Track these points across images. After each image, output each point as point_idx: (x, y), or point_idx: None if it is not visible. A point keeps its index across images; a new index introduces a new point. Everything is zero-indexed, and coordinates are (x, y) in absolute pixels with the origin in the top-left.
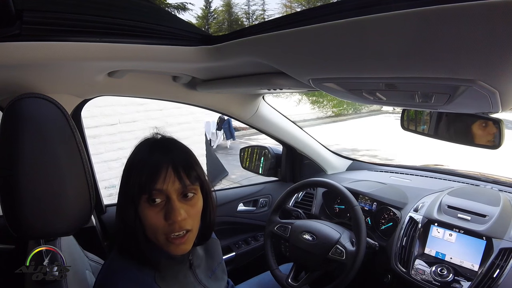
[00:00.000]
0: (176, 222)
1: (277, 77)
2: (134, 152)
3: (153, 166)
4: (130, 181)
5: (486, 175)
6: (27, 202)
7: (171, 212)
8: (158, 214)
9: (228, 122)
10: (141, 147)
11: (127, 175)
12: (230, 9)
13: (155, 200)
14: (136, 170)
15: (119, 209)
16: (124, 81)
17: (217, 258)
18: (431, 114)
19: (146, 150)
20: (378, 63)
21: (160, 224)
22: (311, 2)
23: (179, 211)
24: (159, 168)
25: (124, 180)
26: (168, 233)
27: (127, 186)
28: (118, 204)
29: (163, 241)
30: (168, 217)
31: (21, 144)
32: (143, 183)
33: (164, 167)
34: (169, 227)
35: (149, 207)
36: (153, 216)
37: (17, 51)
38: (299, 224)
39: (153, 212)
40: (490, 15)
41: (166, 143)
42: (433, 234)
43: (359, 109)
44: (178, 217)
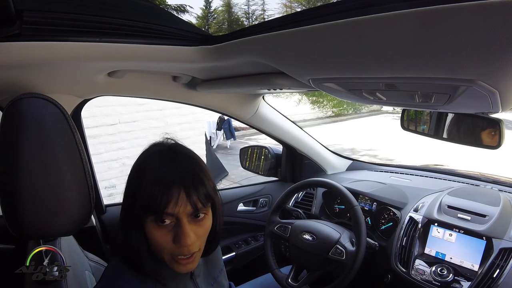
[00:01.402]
0: (185, 246)
1: (277, 77)
2: (142, 161)
3: (164, 186)
4: (137, 196)
5: (486, 175)
6: (27, 202)
7: (181, 236)
8: (167, 235)
9: (228, 122)
10: (150, 158)
11: (134, 188)
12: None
13: (164, 221)
14: (146, 187)
15: (123, 223)
16: (124, 81)
17: (219, 265)
18: (431, 114)
19: (156, 163)
20: (378, 63)
21: (168, 245)
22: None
23: (189, 235)
24: (171, 190)
25: (130, 193)
26: (175, 255)
27: (133, 201)
28: (122, 217)
29: (169, 260)
30: (177, 241)
31: (21, 144)
32: (153, 204)
33: (176, 189)
34: (177, 250)
35: (157, 228)
36: (161, 237)
37: (17, 51)
38: (299, 224)
39: (161, 232)
40: (490, 15)
41: (178, 155)
42: (433, 234)
43: (359, 109)
44: (188, 241)
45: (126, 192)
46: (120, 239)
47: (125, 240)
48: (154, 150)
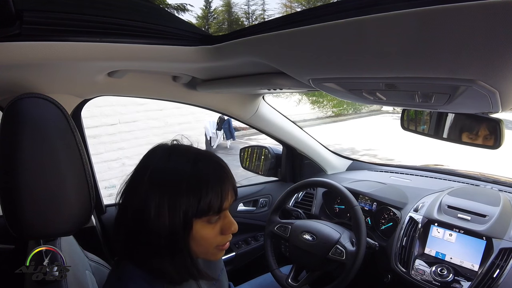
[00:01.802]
0: (233, 232)
1: (277, 77)
2: (174, 173)
3: (221, 187)
4: (191, 204)
5: (486, 175)
6: (27, 202)
7: (230, 226)
8: (214, 229)
9: (228, 122)
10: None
11: (190, 198)
12: (230, 9)
13: (217, 218)
14: (207, 192)
15: (168, 229)
16: (124, 81)
17: (220, 265)
18: (431, 114)
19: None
20: (378, 63)
21: (216, 239)
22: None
23: (235, 223)
24: (225, 188)
25: (175, 205)
26: (221, 244)
27: (181, 211)
28: (170, 223)
29: (212, 251)
30: (226, 232)
31: (21, 144)
32: (214, 205)
33: (227, 185)
34: (224, 239)
35: (208, 225)
36: (210, 233)
37: (17, 51)
38: (299, 224)
39: (210, 229)
40: (490, 15)
41: (209, 155)
42: (433, 234)
43: (359, 109)
44: (236, 228)
45: (172, 204)
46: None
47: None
48: (185, 155)
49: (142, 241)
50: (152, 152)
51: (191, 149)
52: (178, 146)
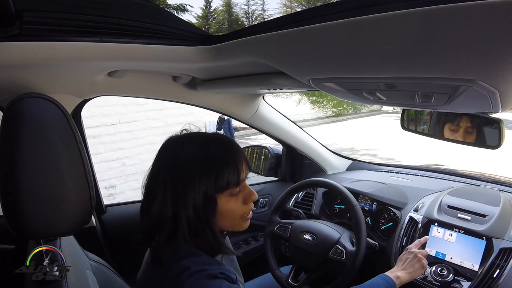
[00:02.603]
0: (254, 200)
1: (277, 77)
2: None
3: (234, 162)
4: (211, 180)
5: (486, 175)
6: (27, 202)
7: (250, 196)
8: (238, 201)
9: (228, 122)
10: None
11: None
12: (230, 9)
13: (238, 191)
14: (220, 168)
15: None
16: (124, 81)
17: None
18: (431, 114)
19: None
20: (378, 63)
21: (241, 209)
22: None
23: (255, 193)
24: (239, 162)
25: (198, 181)
26: (245, 214)
27: (204, 187)
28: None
29: (238, 221)
30: (248, 201)
31: (21, 144)
32: (233, 179)
33: (240, 159)
34: (247, 208)
35: (231, 198)
36: (235, 204)
37: (17, 51)
38: (299, 224)
39: (235, 201)
40: (490, 15)
41: (222, 137)
42: (433, 234)
43: (359, 109)
44: (256, 197)
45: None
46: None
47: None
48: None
49: (169, 226)
50: (166, 143)
51: (200, 134)
52: (188, 134)
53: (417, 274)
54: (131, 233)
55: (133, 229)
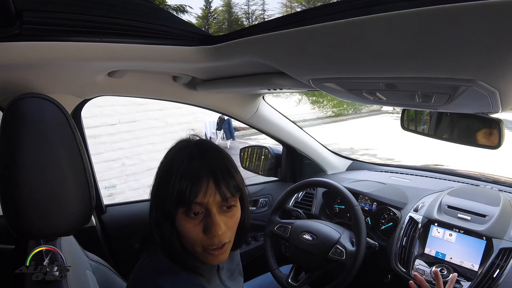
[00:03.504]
0: (216, 236)
1: (277, 77)
2: (171, 158)
3: (194, 178)
4: (166, 191)
5: (486, 175)
6: (27, 202)
7: (211, 226)
8: (197, 226)
9: (228, 122)
10: (178, 153)
11: (163, 184)
12: (230, 9)
13: (194, 213)
14: (175, 180)
15: (155, 220)
16: (124, 81)
17: (236, 259)
18: (431, 114)
19: (185, 158)
20: (378, 63)
21: (198, 236)
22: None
23: (219, 225)
24: (200, 180)
25: (159, 190)
26: (206, 246)
27: (162, 197)
28: (153, 214)
29: (201, 252)
30: (207, 231)
31: (21, 144)
32: (182, 196)
33: (205, 179)
34: (208, 241)
35: (187, 220)
36: (191, 229)
37: (17, 51)
38: (299, 224)
39: (191, 224)
40: (490, 15)
41: (206, 149)
42: (433, 234)
43: (359, 109)
44: (218, 231)
45: (155, 189)
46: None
47: (157, 235)
48: (182, 146)
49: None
50: (170, 147)
51: (194, 141)
52: (186, 140)
53: None
54: (131, 233)
55: (133, 229)
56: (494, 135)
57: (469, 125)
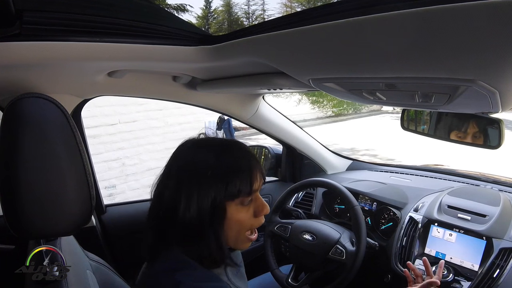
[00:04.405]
0: (264, 215)
1: (277, 77)
2: (203, 158)
3: (247, 170)
4: (217, 189)
5: (486, 175)
6: (27, 202)
7: (262, 208)
8: (248, 212)
9: (228, 122)
10: (211, 153)
11: (208, 183)
12: (230, 9)
13: (249, 201)
14: (228, 177)
15: (193, 218)
16: (124, 81)
17: (239, 258)
18: (431, 114)
19: (226, 154)
20: (378, 63)
21: (250, 221)
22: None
23: (267, 205)
24: (253, 171)
25: (200, 190)
26: (253, 228)
27: (206, 195)
28: (197, 212)
29: (243, 237)
30: (259, 214)
31: (21, 144)
32: (243, 188)
33: (254, 169)
34: (257, 221)
35: (241, 209)
36: (245, 216)
37: (17, 51)
38: (299, 224)
39: (245, 212)
40: (490, 15)
41: (239, 143)
42: (433, 234)
43: (359, 109)
44: (268, 209)
45: (189, 191)
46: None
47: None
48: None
49: (175, 231)
50: (180, 147)
51: (216, 139)
52: (203, 138)
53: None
54: (131, 233)
55: (133, 229)
56: (494, 135)
57: (469, 125)
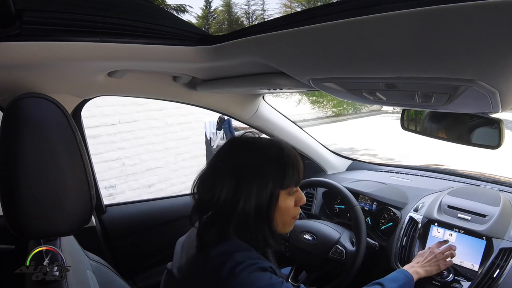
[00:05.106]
0: (303, 203)
1: (277, 77)
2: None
3: (297, 164)
4: (276, 179)
5: (486, 175)
6: (27, 202)
7: (301, 199)
8: (292, 201)
9: (228, 122)
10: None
11: (266, 176)
12: (230, 9)
13: (294, 191)
14: (284, 170)
15: (256, 207)
16: (124, 81)
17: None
18: (431, 114)
19: (280, 149)
20: (378, 63)
21: (293, 209)
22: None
23: (304, 197)
24: (299, 164)
25: (260, 182)
26: (295, 215)
27: (264, 186)
28: (256, 204)
29: (290, 221)
30: (298, 203)
31: (22, 143)
32: (296, 179)
33: (300, 162)
34: (296, 210)
35: (289, 197)
36: (290, 204)
37: (17, 51)
38: (299, 224)
39: (291, 199)
40: (490, 16)
41: (282, 141)
42: (433, 234)
43: (359, 109)
44: (305, 200)
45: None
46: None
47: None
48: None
49: (232, 221)
50: (229, 146)
51: (259, 138)
52: (248, 137)
53: (432, 273)
54: (131, 233)
55: (133, 229)
56: (494, 135)
57: (469, 126)
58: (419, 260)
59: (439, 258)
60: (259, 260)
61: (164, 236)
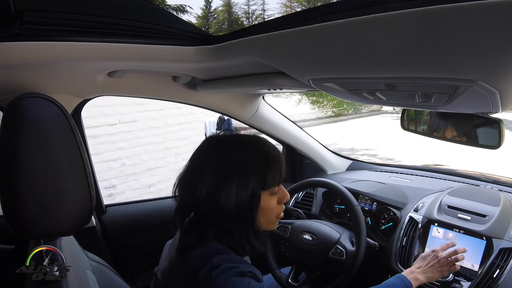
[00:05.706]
0: (286, 201)
1: (277, 77)
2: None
3: (279, 161)
4: (258, 180)
5: (486, 175)
6: (27, 202)
7: (284, 196)
8: (275, 200)
9: (228, 122)
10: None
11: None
12: (230, 9)
13: (276, 190)
14: (267, 166)
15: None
16: (124, 81)
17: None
18: (431, 114)
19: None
20: (378, 63)
21: (277, 208)
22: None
23: (288, 194)
24: (281, 161)
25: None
26: (278, 213)
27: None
28: (236, 204)
29: (274, 220)
30: (281, 201)
31: (22, 143)
32: (279, 178)
33: (282, 159)
34: (280, 208)
35: (272, 197)
36: (273, 203)
37: (17, 51)
38: (299, 224)
39: (273, 200)
40: (490, 16)
41: (263, 139)
42: (433, 234)
43: (359, 109)
44: (288, 197)
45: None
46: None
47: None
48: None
49: (210, 223)
50: (205, 145)
51: (241, 135)
52: (228, 134)
53: (434, 279)
54: (131, 233)
55: (133, 229)
56: (494, 135)
57: (469, 126)
58: (420, 265)
59: (443, 264)
60: (238, 263)
61: (164, 236)
